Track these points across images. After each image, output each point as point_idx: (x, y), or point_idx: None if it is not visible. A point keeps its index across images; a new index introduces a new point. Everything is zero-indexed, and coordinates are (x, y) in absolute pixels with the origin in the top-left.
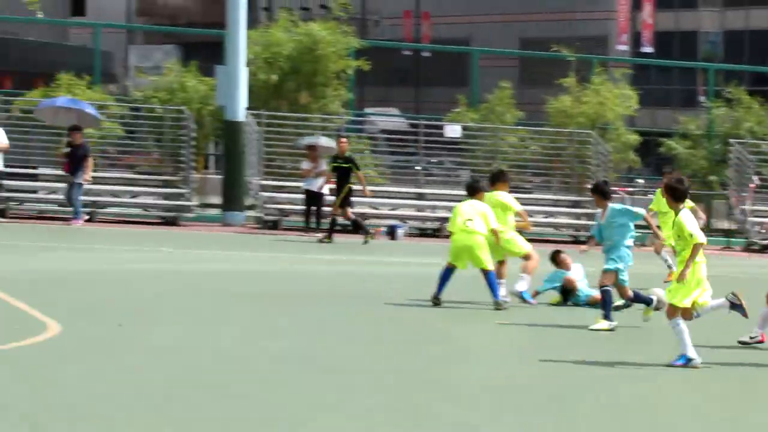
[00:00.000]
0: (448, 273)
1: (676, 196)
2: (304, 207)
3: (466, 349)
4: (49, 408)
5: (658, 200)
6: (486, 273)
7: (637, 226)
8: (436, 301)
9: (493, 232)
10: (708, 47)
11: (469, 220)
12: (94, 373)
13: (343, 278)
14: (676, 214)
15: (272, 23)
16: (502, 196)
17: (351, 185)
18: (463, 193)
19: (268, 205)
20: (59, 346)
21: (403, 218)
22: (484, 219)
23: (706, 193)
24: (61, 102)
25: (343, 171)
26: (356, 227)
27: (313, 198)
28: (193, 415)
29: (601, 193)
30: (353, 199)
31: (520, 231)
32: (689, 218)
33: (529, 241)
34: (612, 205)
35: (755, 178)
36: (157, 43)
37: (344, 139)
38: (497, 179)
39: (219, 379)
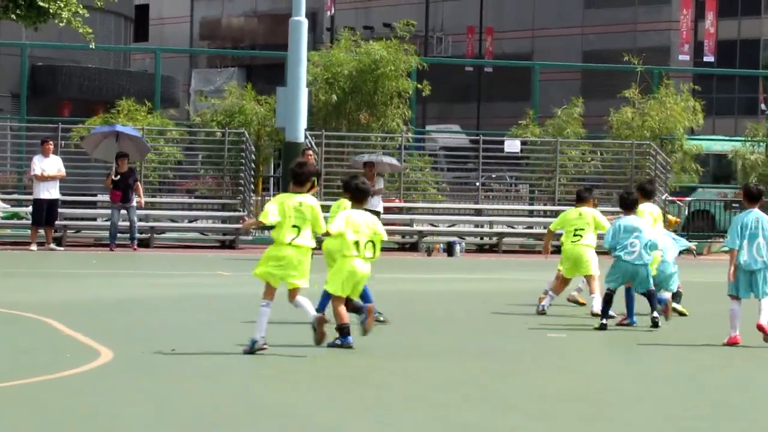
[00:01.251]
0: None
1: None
2: None
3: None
4: None
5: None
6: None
7: None
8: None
9: None
10: None
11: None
12: (146, 398)
13: (412, 297)
14: None
15: (335, 44)
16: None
17: None
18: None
19: None
20: (110, 373)
21: (462, 234)
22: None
23: None
24: (100, 129)
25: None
26: None
27: None
28: None
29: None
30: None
31: None
32: None
33: None
34: None
35: None
36: (220, 66)
37: (310, 151)
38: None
39: (269, 400)
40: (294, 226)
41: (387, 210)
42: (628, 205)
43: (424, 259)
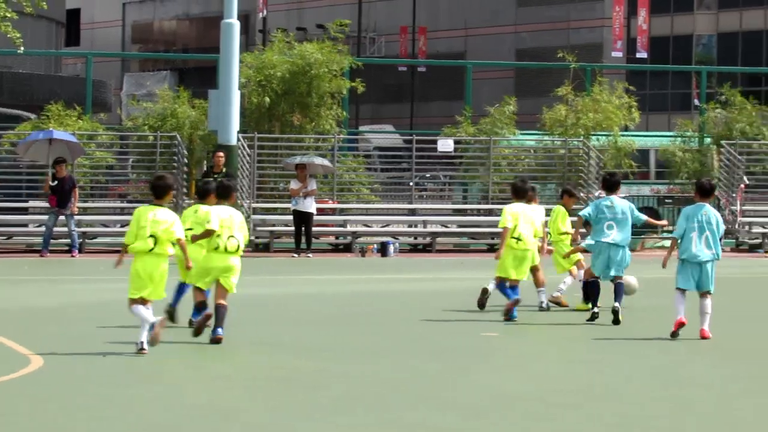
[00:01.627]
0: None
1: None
2: (294, 228)
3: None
4: None
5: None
6: None
7: None
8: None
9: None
10: (702, 50)
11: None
12: (77, 405)
13: (348, 298)
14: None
15: (268, 45)
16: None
17: None
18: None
19: (260, 228)
20: (41, 380)
21: (395, 234)
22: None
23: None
24: (35, 136)
25: None
26: None
27: (303, 218)
28: None
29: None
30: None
31: None
32: None
33: None
34: None
35: (745, 178)
36: (152, 69)
37: (220, 153)
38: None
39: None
40: (150, 237)
41: (320, 211)
42: (611, 187)
43: (358, 260)
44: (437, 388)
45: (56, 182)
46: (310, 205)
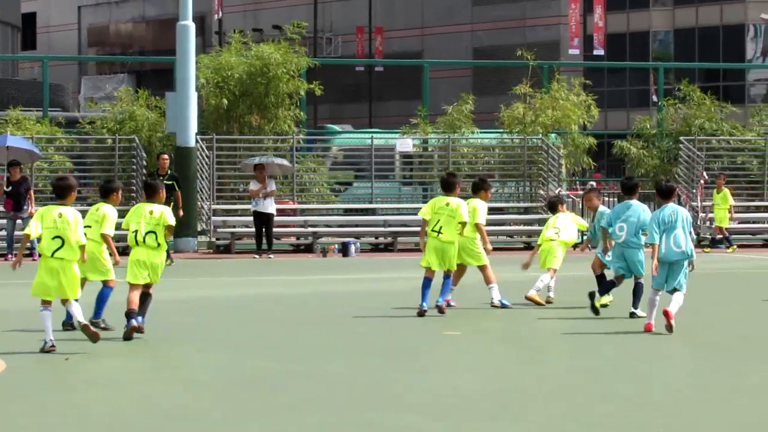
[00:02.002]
0: None
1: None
2: (254, 229)
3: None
4: None
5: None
6: None
7: None
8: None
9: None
10: (659, 46)
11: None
12: (40, 408)
13: (309, 299)
14: None
15: (224, 47)
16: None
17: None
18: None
19: (221, 230)
20: (4, 383)
21: (357, 234)
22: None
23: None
24: None
25: (166, 189)
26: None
27: (263, 219)
28: None
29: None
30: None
31: None
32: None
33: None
34: None
35: (705, 174)
36: (110, 72)
37: (165, 156)
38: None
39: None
40: (56, 238)
41: (280, 212)
42: (629, 190)
43: (320, 260)
44: (399, 388)
45: (10, 186)
46: (270, 206)
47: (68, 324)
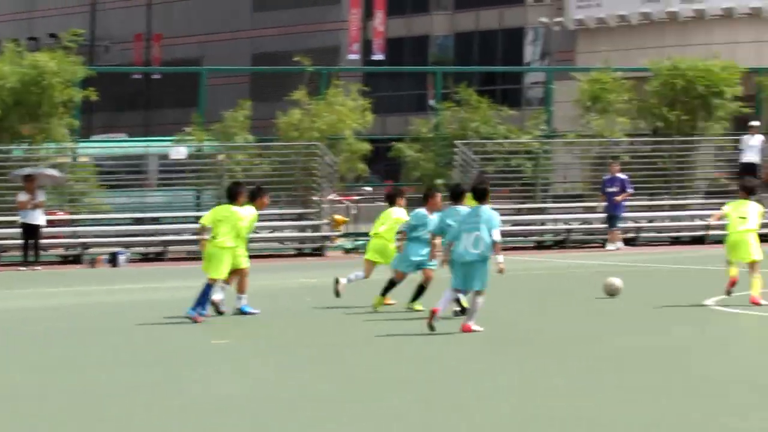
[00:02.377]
0: None
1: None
2: (22, 241)
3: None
4: None
5: None
6: None
7: None
8: None
9: None
10: (438, 51)
11: None
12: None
13: (73, 310)
14: None
15: None
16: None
17: None
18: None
19: None
20: None
21: (127, 244)
22: None
23: None
24: None
25: None
26: None
27: (31, 231)
28: None
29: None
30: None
31: None
32: None
33: (252, 257)
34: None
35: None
36: None
37: None
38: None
39: None
40: None
41: (50, 223)
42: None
43: (88, 271)
44: (162, 396)
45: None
46: (39, 217)
47: None
